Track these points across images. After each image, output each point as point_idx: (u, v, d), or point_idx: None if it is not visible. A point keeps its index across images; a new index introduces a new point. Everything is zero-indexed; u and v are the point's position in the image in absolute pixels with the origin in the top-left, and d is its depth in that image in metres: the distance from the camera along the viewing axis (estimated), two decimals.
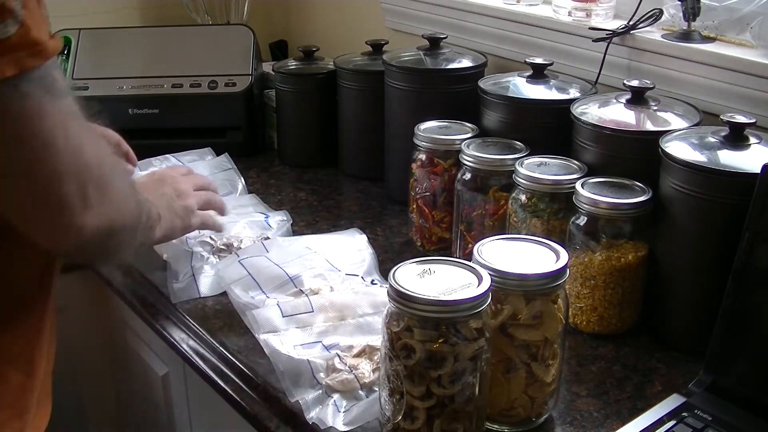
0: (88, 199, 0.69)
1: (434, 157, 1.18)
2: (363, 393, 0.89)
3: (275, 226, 1.25)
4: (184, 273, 1.14)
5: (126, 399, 1.41)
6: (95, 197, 0.70)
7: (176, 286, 1.12)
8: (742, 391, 0.85)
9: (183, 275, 1.14)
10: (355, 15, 1.77)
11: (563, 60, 1.29)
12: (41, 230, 0.70)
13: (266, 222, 1.25)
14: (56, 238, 0.71)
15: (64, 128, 0.66)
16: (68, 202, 0.68)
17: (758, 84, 1.07)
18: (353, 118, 1.47)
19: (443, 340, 0.76)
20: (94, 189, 0.70)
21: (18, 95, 0.62)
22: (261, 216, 1.27)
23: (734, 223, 0.88)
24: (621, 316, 1.00)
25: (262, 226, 1.24)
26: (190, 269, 1.14)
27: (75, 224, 0.69)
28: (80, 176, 0.68)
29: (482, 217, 1.12)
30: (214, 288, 1.11)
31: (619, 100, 1.09)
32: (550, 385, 0.85)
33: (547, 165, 1.06)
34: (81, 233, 0.70)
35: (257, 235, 1.22)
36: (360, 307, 1.00)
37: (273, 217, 1.27)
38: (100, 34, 1.61)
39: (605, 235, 0.98)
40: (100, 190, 0.71)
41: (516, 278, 0.81)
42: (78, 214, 0.68)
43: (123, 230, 0.78)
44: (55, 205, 0.67)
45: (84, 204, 0.69)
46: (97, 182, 0.70)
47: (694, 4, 1.14)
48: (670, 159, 0.94)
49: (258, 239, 1.19)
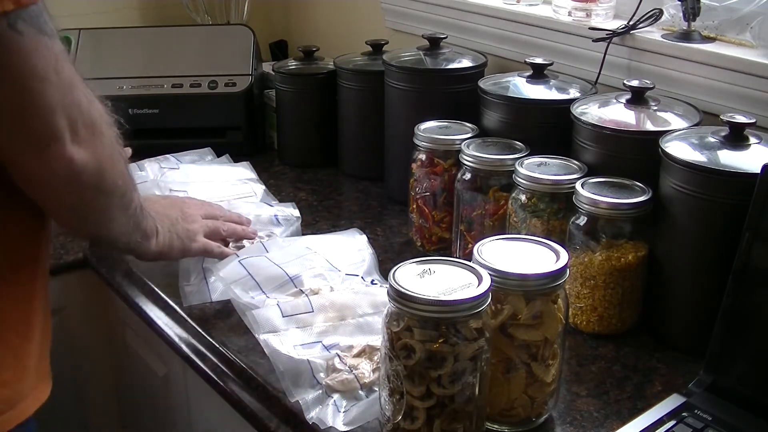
0: (77, 133, 0.75)
1: (434, 157, 1.18)
2: (363, 393, 0.89)
3: (284, 224, 1.24)
4: (195, 275, 1.13)
5: (126, 399, 1.41)
6: (85, 133, 0.76)
7: (188, 290, 1.11)
8: (742, 391, 0.85)
9: (194, 277, 1.13)
10: (355, 15, 1.77)
11: (563, 60, 1.29)
12: (33, 159, 0.74)
13: (275, 218, 1.25)
14: (47, 167, 0.75)
15: (55, 65, 0.71)
16: (58, 132, 0.73)
17: (758, 84, 1.07)
18: (353, 118, 1.47)
19: (443, 340, 0.76)
20: (84, 126, 0.75)
21: (14, 32, 0.68)
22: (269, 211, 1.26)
23: (734, 223, 0.88)
24: (621, 316, 1.00)
25: (271, 221, 1.24)
26: (201, 270, 1.13)
27: (65, 154, 0.74)
28: (70, 110, 0.74)
29: (482, 217, 1.12)
30: (227, 293, 1.09)
31: (619, 100, 1.09)
32: (550, 385, 0.85)
33: (547, 165, 1.06)
34: (71, 165, 0.75)
35: (267, 233, 1.21)
36: (360, 307, 1.00)
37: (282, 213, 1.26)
38: (100, 34, 1.61)
39: (605, 235, 0.98)
40: (89, 128, 0.76)
41: (516, 278, 0.81)
42: (68, 145, 0.74)
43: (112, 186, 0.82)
44: (45, 135, 0.73)
45: (74, 136, 0.74)
46: (86, 120, 0.76)
47: (694, 4, 1.14)
48: (670, 159, 0.94)
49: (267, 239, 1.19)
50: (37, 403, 0.90)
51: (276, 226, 1.24)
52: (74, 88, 0.74)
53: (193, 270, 1.13)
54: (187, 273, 1.13)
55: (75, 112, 0.74)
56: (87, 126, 0.76)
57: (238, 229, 1.16)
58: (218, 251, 1.11)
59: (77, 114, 0.75)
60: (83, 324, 1.35)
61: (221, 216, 1.16)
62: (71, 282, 1.31)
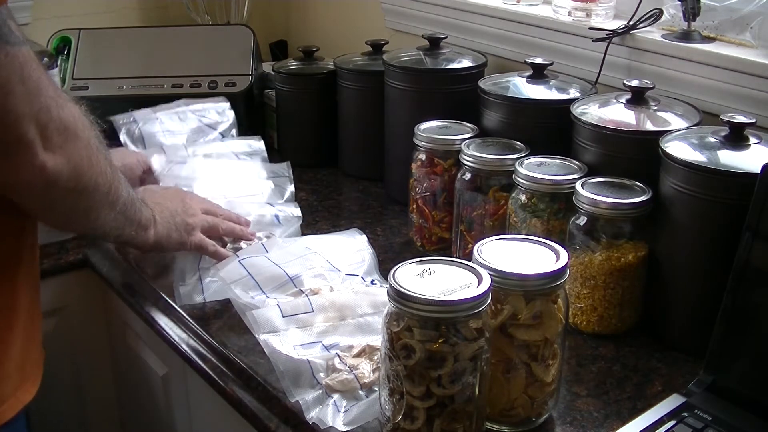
0: (49, 139, 0.75)
1: (434, 157, 1.18)
2: (363, 393, 0.89)
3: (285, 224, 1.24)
4: (191, 275, 1.13)
5: (126, 399, 1.41)
6: (58, 139, 0.75)
7: (182, 290, 1.11)
8: (742, 391, 0.85)
9: (189, 277, 1.13)
10: (355, 15, 1.77)
11: (563, 60, 1.29)
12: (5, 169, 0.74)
13: (276, 218, 1.25)
14: (20, 177, 0.75)
15: (21, 74, 0.71)
16: (27, 140, 0.73)
17: (758, 84, 1.07)
18: (353, 118, 1.47)
19: (443, 340, 0.76)
20: (56, 131, 0.75)
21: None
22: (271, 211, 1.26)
23: (734, 223, 0.88)
24: (621, 316, 1.00)
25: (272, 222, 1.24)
26: (197, 271, 1.13)
27: (36, 162, 0.74)
28: (39, 118, 0.73)
29: (482, 217, 1.12)
30: (220, 293, 1.09)
31: (619, 100, 1.09)
32: (550, 385, 0.85)
33: (547, 165, 1.06)
34: (44, 172, 0.75)
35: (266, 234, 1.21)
36: (360, 307, 1.00)
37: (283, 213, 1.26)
38: (100, 34, 1.61)
39: (605, 235, 0.98)
40: (62, 133, 0.76)
41: (516, 278, 0.81)
42: (38, 153, 0.74)
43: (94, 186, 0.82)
44: (15, 144, 0.72)
45: (46, 143, 0.74)
46: (58, 125, 0.75)
47: (694, 4, 1.14)
48: (670, 159, 0.94)
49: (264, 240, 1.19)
50: (19, 405, 0.90)
51: (276, 226, 1.24)
52: (42, 95, 0.74)
53: (189, 270, 1.13)
54: (182, 274, 1.13)
55: (44, 119, 0.74)
56: (60, 131, 0.76)
57: (236, 229, 1.16)
58: (212, 249, 1.11)
59: (47, 120, 0.74)
60: (83, 324, 1.35)
61: (221, 214, 1.16)
62: (71, 282, 1.31)
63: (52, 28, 1.61)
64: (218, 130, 1.44)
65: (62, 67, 1.56)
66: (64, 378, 1.35)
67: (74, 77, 1.55)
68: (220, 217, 1.15)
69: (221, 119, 1.45)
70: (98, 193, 0.85)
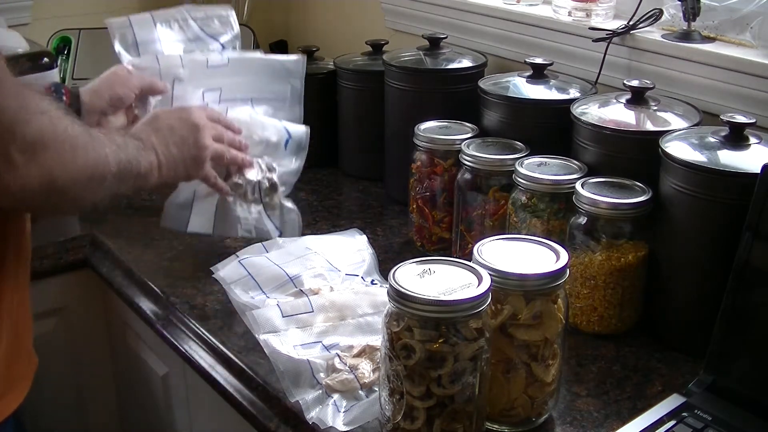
0: (11, 161, 0.74)
1: (434, 157, 1.18)
2: (363, 393, 0.89)
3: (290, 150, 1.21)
4: (184, 196, 1.11)
5: (126, 399, 1.41)
6: (21, 158, 0.74)
7: (170, 209, 1.09)
8: (742, 391, 0.85)
9: (182, 198, 1.10)
10: (355, 15, 1.77)
11: (563, 60, 1.29)
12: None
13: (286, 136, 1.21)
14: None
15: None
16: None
17: (758, 84, 1.07)
18: (353, 118, 1.47)
19: (443, 340, 0.76)
20: (19, 150, 0.74)
21: None
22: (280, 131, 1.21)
23: (734, 223, 0.88)
24: (621, 316, 1.00)
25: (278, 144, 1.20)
26: (192, 195, 1.11)
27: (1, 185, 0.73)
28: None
29: (482, 217, 1.12)
30: (203, 226, 1.08)
31: (619, 100, 1.09)
32: (550, 385, 0.85)
33: (547, 165, 1.06)
34: (10, 191, 0.74)
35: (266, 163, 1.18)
36: (360, 307, 1.00)
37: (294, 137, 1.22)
38: (100, 34, 1.60)
39: (605, 235, 0.98)
40: (28, 150, 0.75)
41: (516, 278, 0.81)
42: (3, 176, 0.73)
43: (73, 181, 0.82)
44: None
45: (8, 166, 0.73)
46: (20, 144, 0.74)
47: (694, 4, 1.14)
48: (670, 159, 0.94)
49: (264, 176, 1.16)
50: (6, 411, 0.89)
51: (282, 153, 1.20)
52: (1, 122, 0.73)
53: (183, 192, 1.11)
54: (177, 194, 1.11)
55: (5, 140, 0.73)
56: (23, 149, 0.75)
57: (239, 158, 1.13)
58: (213, 182, 1.10)
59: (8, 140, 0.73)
60: (83, 324, 1.35)
61: (227, 138, 1.12)
62: (71, 282, 1.31)
63: (52, 28, 1.61)
64: (220, 41, 1.30)
65: (62, 67, 1.56)
66: (64, 378, 1.35)
67: (74, 77, 1.55)
68: (226, 140, 1.11)
69: (224, 30, 1.31)
70: (80, 185, 0.84)
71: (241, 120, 1.18)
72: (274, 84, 1.26)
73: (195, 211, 1.12)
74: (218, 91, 1.22)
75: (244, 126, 1.17)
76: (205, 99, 1.20)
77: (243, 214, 1.17)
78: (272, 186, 1.17)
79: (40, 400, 1.30)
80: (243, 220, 1.17)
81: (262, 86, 1.25)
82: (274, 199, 1.19)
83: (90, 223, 1.32)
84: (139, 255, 1.22)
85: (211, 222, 1.14)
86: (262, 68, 1.26)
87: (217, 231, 1.18)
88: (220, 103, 1.20)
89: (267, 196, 1.17)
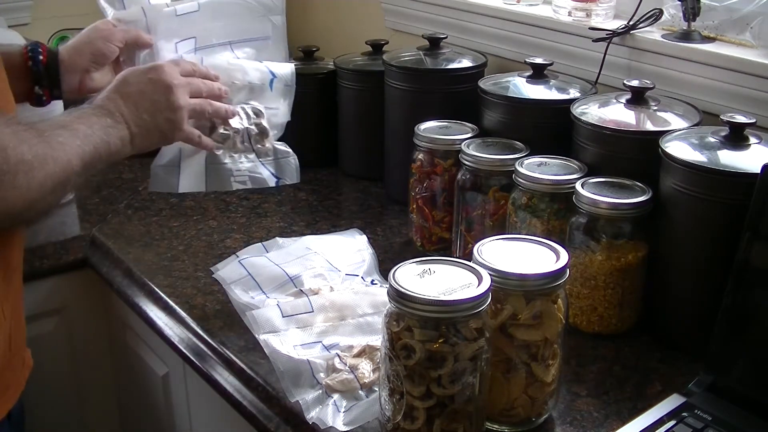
0: None
1: (434, 157, 1.18)
2: (363, 393, 0.89)
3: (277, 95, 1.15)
4: (169, 157, 1.07)
5: (126, 399, 1.41)
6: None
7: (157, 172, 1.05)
8: (742, 391, 0.85)
9: (167, 159, 1.07)
10: (355, 15, 1.77)
11: (563, 60, 1.29)
12: None
13: (270, 77, 1.15)
14: None
15: None
16: None
17: (758, 84, 1.07)
18: (353, 118, 1.47)
19: (443, 340, 0.76)
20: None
21: None
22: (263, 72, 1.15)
23: (734, 223, 0.88)
24: (621, 316, 1.00)
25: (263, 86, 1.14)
26: (178, 153, 1.07)
27: None
28: None
29: (482, 217, 1.12)
30: (195, 184, 1.04)
31: (619, 100, 1.09)
32: (550, 385, 0.85)
33: (547, 165, 1.06)
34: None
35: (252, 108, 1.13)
36: (360, 307, 1.00)
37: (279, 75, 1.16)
38: None
39: (605, 235, 0.98)
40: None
41: (516, 278, 0.81)
42: None
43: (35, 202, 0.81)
44: None
45: None
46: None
47: (694, 4, 1.14)
48: (670, 159, 0.94)
49: (251, 122, 1.12)
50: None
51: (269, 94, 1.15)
52: None
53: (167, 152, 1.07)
54: (161, 155, 1.08)
55: None
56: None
57: (222, 110, 1.08)
58: (197, 140, 1.05)
59: None
60: (83, 324, 1.36)
61: (204, 89, 1.06)
62: (71, 282, 1.31)
63: (52, 28, 1.61)
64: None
65: None
66: (64, 378, 1.35)
67: None
68: (205, 92, 1.06)
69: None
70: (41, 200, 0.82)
71: (219, 66, 1.12)
72: (253, 23, 1.18)
73: (184, 171, 1.07)
74: (192, 39, 1.14)
75: (223, 73, 1.11)
76: (178, 51, 1.13)
77: (234, 165, 1.12)
78: (262, 131, 1.12)
79: (40, 400, 1.31)
80: (236, 172, 1.12)
81: (240, 28, 1.17)
82: (266, 144, 1.13)
83: (90, 223, 1.32)
84: (139, 255, 1.22)
85: (203, 179, 1.09)
86: (237, 8, 1.17)
87: (210, 187, 1.12)
88: (196, 53, 1.14)
89: (258, 143, 1.12)
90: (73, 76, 1.08)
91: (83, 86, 1.10)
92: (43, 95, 1.07)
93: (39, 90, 1.06)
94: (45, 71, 1.06)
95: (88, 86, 1.10)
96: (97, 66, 1.11)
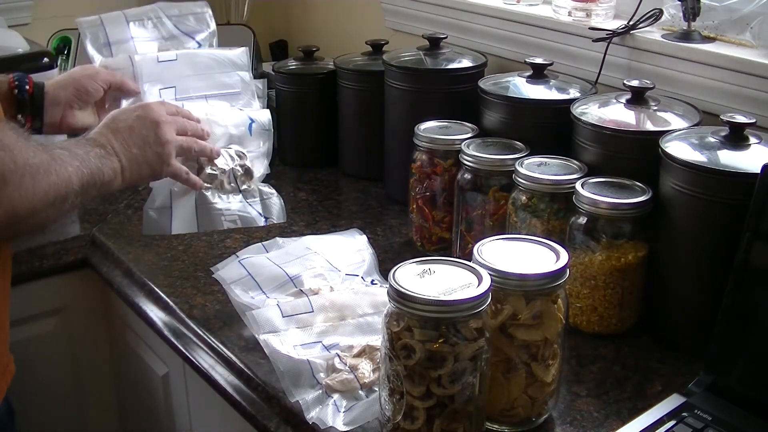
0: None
1: (434, 157, 1.18)
2: (363, 393, 0.89)
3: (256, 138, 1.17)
4: (161, 200, 1.09)
5: (126, 399, 1.41)
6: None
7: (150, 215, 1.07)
8: (742, 391, 0.85)
9: (159, 202, 1.09)
10: (355, 15, 1.77)
11: (563, 60, 1.29)
12: None
13: (249, 123, 1.17)
14: None
15: None
16: None
17: (758, 84, 1.07)
18: (353, 118, 1.47)
19: (443, 340, 0.76)
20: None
21: None
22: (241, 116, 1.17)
23: (734, 223, 0.88)
24: (621, 316, 1.00)
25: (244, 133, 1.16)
26: (169, 196, 1.09)
27: None
28: None
29: (482, 217, 1.12)
30: (187, 226, 1.06)
31: (619, 100, 1.09)
32: (550, 385, 0.85)
33: (547, 165, 1.06)
34: None
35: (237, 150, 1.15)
36: (360, 307, 1.00)
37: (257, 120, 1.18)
38: None
39: (605, 235, 0.98)
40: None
41: (516, 278, 0.81)
42: None
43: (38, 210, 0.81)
44: None
45: None
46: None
47: (694, 4, 1.14)
48: (670, 159, 0.94)
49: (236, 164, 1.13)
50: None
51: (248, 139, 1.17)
52: None
53: (158, 195, 1.09)
54: (153, 199, 1.09)
55: None
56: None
57: (207, 149, 1.09)
58: (185, 177, 1.07)
59: None
60: (83, 324, 1.36)
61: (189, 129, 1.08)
62: (71, 282, 1.31)
63: (52, 28, 1.61)
64: (196, 39, 1.25)
65: (62, 67, 1.56)
66: (64, 378, 1.35)
67: None
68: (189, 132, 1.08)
69: (200, 27, 1.26)
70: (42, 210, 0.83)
71: (199, 115, 1.14)
72: (223, 77, 1.21)
73: (175, 213, 1.09)
74: (173, 88, 1.18)
75: (204, 121, 1.14)
76: (161, 97, 1.17)
77: (224, 205, 1.13)
78: (246, 172, 1.14)
79: (41, 400, 1.31)
80: (226, 212, 1.13)
81: (213, 81, 1.21)
82: (251, 185, 1.15)
83: (90, 223, 1.32)
84: (139, 255, 1.22)
85: (194, 221, 1.11)
86: (209, 61, 1.21)
87: (202, 228, 1.14)
88: (176, 100, 1.17)
89: (244, 183, 1.14)
90: (55, 109, 1.10)
91: (64, 121, 1.11)
92: (25, 124, 1.08)
93: (21, 118, 1.07)
94: (30, 101, 1.08)
95: (68, 122, 1.11)
96: (80, 103, 1.12)
